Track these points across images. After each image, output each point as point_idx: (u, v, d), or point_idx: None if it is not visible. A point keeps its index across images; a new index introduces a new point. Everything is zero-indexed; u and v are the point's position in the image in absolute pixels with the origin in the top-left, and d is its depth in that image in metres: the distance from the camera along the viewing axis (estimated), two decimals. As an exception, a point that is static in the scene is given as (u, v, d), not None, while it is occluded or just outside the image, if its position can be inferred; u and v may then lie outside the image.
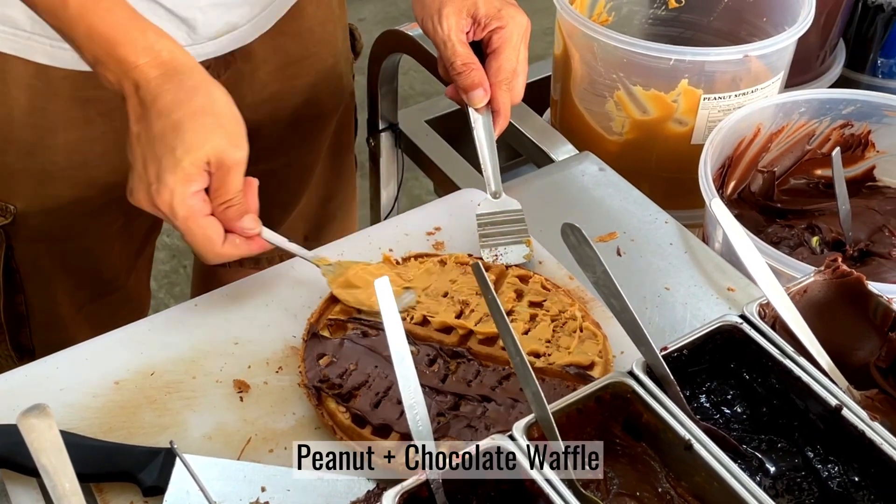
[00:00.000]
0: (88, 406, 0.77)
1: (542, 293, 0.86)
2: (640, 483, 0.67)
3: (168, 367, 0.81)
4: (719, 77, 1.06)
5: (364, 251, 0.91)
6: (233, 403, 0.78)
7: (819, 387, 0.68)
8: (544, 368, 0.79)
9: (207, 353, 0.82)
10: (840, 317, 0.75)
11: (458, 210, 0.96)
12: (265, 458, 0.74)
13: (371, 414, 0.75)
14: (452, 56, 0.90)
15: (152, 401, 0.78)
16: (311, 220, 1.28)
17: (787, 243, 1.00)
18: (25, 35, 0.92)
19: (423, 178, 2.35)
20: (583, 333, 0.81)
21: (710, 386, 0.72)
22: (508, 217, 0.92)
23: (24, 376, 0.80)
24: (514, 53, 0.91)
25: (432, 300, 0.85)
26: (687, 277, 0.91)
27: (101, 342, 0.83)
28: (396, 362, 0.65)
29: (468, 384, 0.78)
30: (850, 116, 1.07)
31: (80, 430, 0.75)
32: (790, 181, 1.10)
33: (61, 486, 0.57)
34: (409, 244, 0.93)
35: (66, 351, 0.82)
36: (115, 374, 0.80)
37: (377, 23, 3.06)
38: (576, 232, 0.68)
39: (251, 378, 0.80)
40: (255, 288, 0.88)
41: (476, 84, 0.90)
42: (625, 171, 1.06)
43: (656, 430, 0.67)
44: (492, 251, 0.89)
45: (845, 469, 0.67)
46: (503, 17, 0.90)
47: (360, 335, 0.82)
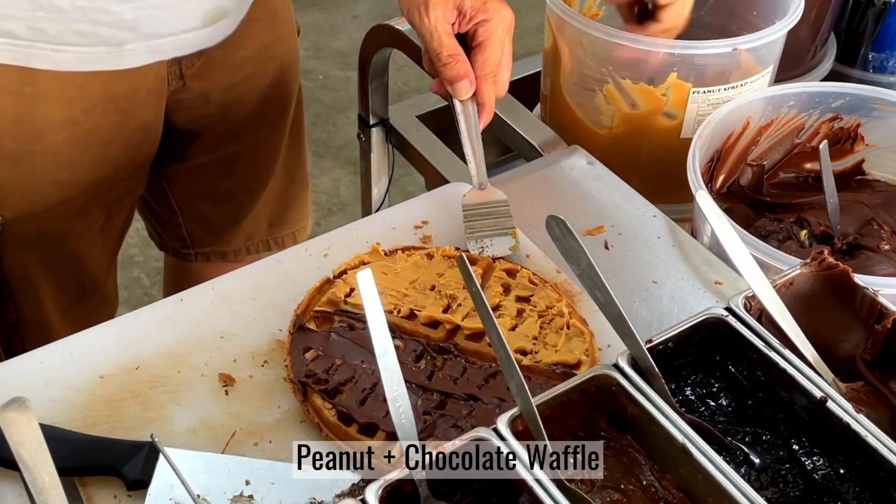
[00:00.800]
0: (73, 401, 0.77)
1: (529, 288, 0.85)
2: (624, 475, 0.67)
3: (153, 361, 0.80)
4: (709, 70, 1.06)
5: (352, 245, 0.91)
6: (218, 397, 0.78)
7: (804, 379, 0.68)
8: (531, 367, 0.79)
9: (193, 347, 0.81)
10: (826, 309, 0.75)
11: (446, 204, 0.96)
12: (250, 452, 0.74)
13: (357, 411, 0.75)
14: (438, 47, 0.90)
15: (137, 395, 0.78)
16: (274, 205, 1.30)
17: (776, 237, 1.00)
18: (26, 44, 0.92)
19: (417, 175, 2.34)
20: (570, 331, 0.81)
21: (695, 378, 0.72)
22: (494, 208, 0.92)
23: (8, 371, 0.80)
24: (499, 46, 0.91)
25: (419, 293, 0.84)
26: (675, 271, 0.91)
27: (86, 337, 0.83)
28: (379, 355, 0.65)
29: (454, 382, 0.78)
30: (839, 110, 1.07)
31: (64, 424, 0.75)
32: (779, 175, 1.09)
33: (41, 480, 0.57)
34: (396, 238, 0.92)
35: (51, 346, 0.82)
36: (99, 369, 0.79)
37: (371, 19, 3.05)
38: (560, 224, 0.68)
39: (237, 372, 0.80)
40: (242, 282, 0.88)
41: (462, 75, 0.90)
42: (615, 166, 1.05)
43: (641, 422, 0.67)
44: (478, 243, 0.89)
45: (830, 461, 0.67)
46: (488, 9, 0.90)
47: (347, 328, 0.81)
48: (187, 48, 1.03)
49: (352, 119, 2.64)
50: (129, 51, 0.97)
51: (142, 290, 2.21)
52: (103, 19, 0.93)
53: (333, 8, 3.12)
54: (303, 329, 0.81)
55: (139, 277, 2.22)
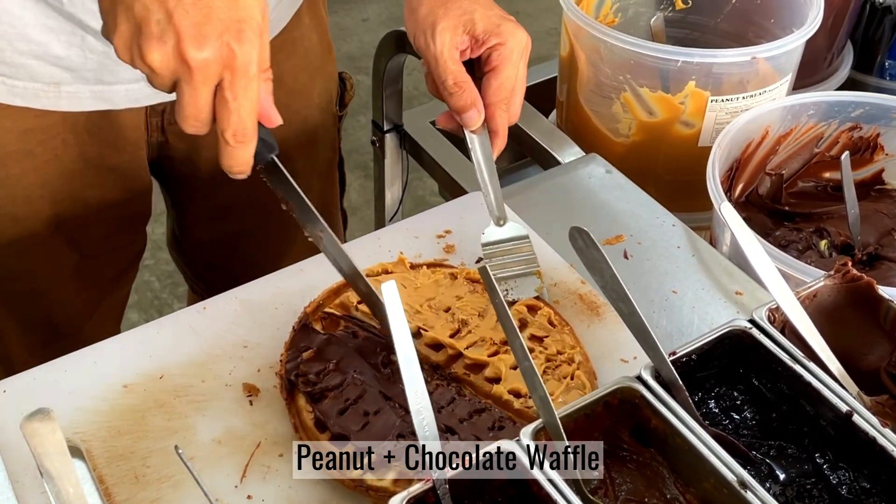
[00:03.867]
0: (97, 409, 0.77)
1: (545, 329, 0.82)
2: (648, 489, 0.67)
3: (177, 370, 0.80)
4: (727, 79, 1.06)
5: (373, 254, 0.91)
6: (242, 407, 0.78)
7: (829, 392, 0.67)
8: (521, 411, 0.76)
9: (216, 356, 0.81)
10: (850, 322, 0.74)
11: (469, 213, 0.95)
12: (275, 463, 0.74)
13: (332, 420, 0.74)
14: (444, 74, 0.84)
15: (161, 404, 0.78)
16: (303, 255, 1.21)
17: (796, 247, 1.00)
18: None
19: (428, 179, 2.35)
20: (572, 382, 0.78)
21: (718, 391, 0.72)
22: (515, 245, 0.87)
23: (31, 379, 0.80)
24: (513, 71, 0.85)
25: (432, 313, 0.83)
26: (694, 281, 0.91)
27: (109, 346, 0.83)
28: (403, 365, 0.65)
29: (439, 411, 0.75)
30: (858, 119, 1.06)
31: (88, 433, 0.75)
32: (798, 184, 1.09)
33: (65, 491, 0.57)
34: (418, 247, 0.92)
35: (74, 354, 0.82)
36: (123, 378, 0.79)
37: (381, 23, 3.05)
38: (584, 235, 0.68)
39: (261, 382, 0.79)
40: (264, 290, 0.87)
41: (469, 105, 0.85)
42: (631, 174, 1.05)
43: (665, 435, 0.66)
44: (501, 285, 0.84)
45: (856, 476, 0.67)
46: (503, 32, 0.84)
47: (351, 335, 0.80)
48: (142, 100, 0.94)
49: (362, 122, 2.63)
50: (69, 93, 0.90)
51: (152, 294, 2.21)
52: (28, 49, 0.87)
53: (343, 11, 3.12)
54: (307, 328, 0.80)
55: (150, 281, 2.22)
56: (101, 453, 0.74)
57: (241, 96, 0.66)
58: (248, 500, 0.72)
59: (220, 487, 0.72)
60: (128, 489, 0.71)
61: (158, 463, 0.73)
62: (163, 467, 0.73)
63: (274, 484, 0.73)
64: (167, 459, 0.74)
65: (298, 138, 1.09)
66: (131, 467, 0.73)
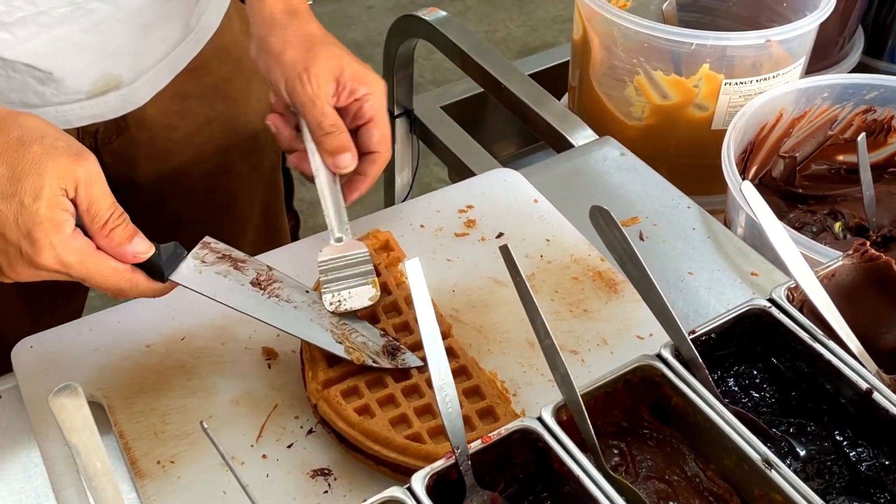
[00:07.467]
0: (119, 367, 0.79)
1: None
2: (668, 466, 0.67)
3: (198, 332, 0.82)
4: (740, 62, 1.06)
5: (396, 226, 0.92)
6: (261, 370, 0.79)
7: (849, 370, 0.67)
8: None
9: (237, 320, 0.81)
10: (868, 301, 0.75)
11: (491, 189, 0.97)
12: (290, 425, 0.75)
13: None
14: (321, 116, 0.83)
15: (182, 364, 0.79)
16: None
17: (810, 229, 1.00)
18: None
19: (434, 167, 2.35)
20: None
21: (737, 370, 0.72)
22: (352, 260, 0.83)
23: (57, 336, 0.81)
24: (386, 119, 0.87)
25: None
26: (710, 262, 0.91)
27: (132, 307, 0.84)
28: (427, 343, 0.65)
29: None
30: (873, 102, 1.06)
31: (110, 390, 0.77)
32: (812, 167, 1.09)
33: (93, 466, 0.57)
34: (440, 221, 0.93)
35: (98, 314, 0.84)
36: (146, 338, 0.81)
37: (386, 10, 3.05)
38: (604, 215, 0.68)
39: (280, 346, 0.81)
40: (286, 258, 0.88)
41: (346, 147, 0.84)
42: (644, 157, 1.05)
43: (685, 413, 0.67)
44: (334, 297, 0.79)
45: (875, 453, 0.67)
46: (370, 82, 0.85)
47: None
48: (73, 121, 0.92)
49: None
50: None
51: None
52: None
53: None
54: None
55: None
56: (122, 409, 0.76)
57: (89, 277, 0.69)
58: (263, 460, 0.73)
59: (236, 446, 0.74)
60: (147, 444, 0.73)
61: (177, 420, 0.75)
62: (181, 425, 0.75)
63: (288, 445, 0.74)
64: (186, 417, 0.75)
65: (239, 145, 1.08)
66: (150, 423, 0.75)
